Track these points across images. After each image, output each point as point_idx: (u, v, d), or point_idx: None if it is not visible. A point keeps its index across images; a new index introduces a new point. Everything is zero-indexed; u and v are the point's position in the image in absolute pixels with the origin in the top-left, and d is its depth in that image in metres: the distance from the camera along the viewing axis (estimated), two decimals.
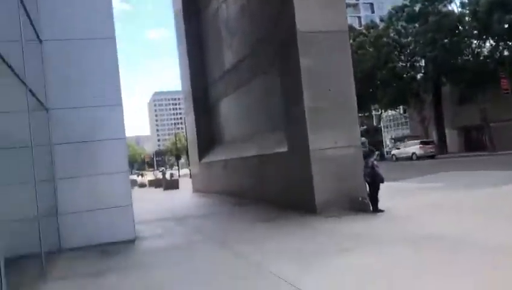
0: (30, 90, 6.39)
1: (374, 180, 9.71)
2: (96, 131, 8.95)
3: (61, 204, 8.62)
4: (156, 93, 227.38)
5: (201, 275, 5.78)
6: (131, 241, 8.76)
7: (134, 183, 40.92)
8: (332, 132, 10.41)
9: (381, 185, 9.76)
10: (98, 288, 5.56)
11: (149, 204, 17.75)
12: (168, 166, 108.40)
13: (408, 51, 42.01)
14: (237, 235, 8.47)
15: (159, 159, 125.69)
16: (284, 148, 11.70)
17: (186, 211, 14.05)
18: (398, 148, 42.49)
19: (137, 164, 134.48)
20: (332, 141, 10.39)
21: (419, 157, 37.07)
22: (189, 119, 23.43)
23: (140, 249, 8.05)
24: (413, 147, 38.88)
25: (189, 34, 22.24)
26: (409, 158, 38.11)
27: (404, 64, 42.42)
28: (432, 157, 36.58)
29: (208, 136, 21.52)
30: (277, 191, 12.34)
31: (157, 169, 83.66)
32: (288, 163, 11.41)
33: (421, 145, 38.23)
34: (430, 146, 38.60)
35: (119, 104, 9.15)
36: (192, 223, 10.96)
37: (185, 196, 21.64)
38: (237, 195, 15.87)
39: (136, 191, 31.82)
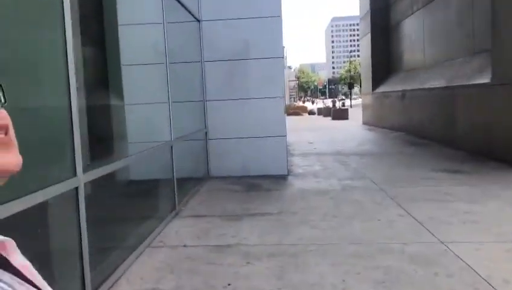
0: None
1: None
2: (250, 48, 7.75)
3: (210, 129, 7.86)
4: (333, 19, 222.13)
5: (355, 248, 4.24)
6: (282, 178, 7.63)
7: (304, 109, 40.63)
8: None
9: None
10: (223, 236, 4.49)
11: (313, 133, 16.59)
12: (341, 95, 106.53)
13: None
14: (413, 187, 6.58)
15: (332, 87, 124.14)
16: (485, 79, 8.93)
17: (351, 146, 12.40)
18: None
19: (310, 90, 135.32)
20: None
21: None
22: (364, 44, 20.95)
23: (288, 190, 6.82)
24: None
25: None
26: None
27: None
28: None
29: (384, 63, 19.04)
30: (470, 132, 9.74)
31: (331, 98, 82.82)
32: (490, 98, 8.69)
33: None
34: None
35: (278, 15, 7.72)
36: (356, 162, 9.31)
37: (352, 127, 19.90)
38: (414, 133, 13.54)
39: (304, 118, 31.23)
